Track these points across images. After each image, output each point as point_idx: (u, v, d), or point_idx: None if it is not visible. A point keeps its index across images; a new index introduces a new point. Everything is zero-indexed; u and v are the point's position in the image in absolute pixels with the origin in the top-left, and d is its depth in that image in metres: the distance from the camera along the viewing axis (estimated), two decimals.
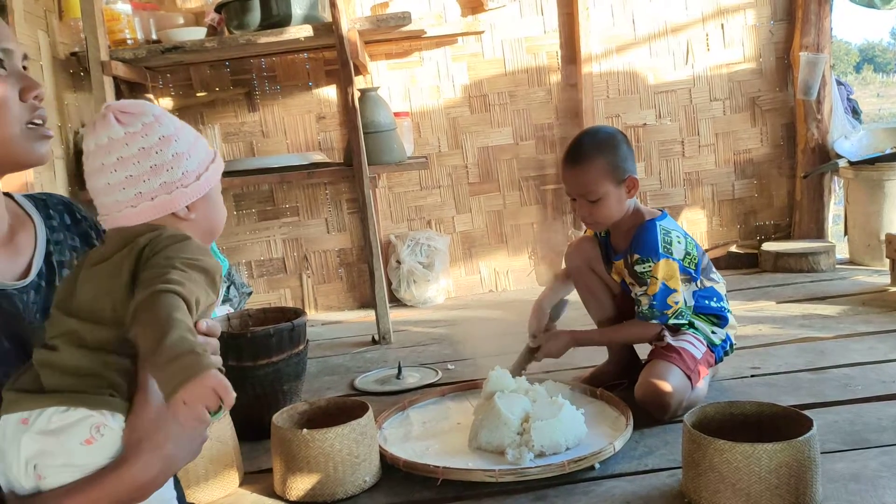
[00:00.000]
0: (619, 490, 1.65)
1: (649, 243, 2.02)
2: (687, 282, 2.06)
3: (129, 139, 0.94)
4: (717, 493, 1.49)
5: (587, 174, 2.03)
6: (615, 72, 3.77)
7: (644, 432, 1.92)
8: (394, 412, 2.12)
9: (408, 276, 3.64)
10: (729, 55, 3.81)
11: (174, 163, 0.96)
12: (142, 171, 0.94)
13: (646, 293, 2.03)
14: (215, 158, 1.04)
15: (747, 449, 1.46)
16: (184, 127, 1.01)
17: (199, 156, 1.00)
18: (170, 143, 0.96)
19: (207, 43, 3.03)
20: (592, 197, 2.04)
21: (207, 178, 1.00)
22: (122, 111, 0.95)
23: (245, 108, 3.67)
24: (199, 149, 1.01)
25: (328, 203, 3.75)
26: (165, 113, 1.00)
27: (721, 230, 3.93)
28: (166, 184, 0.96)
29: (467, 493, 1.69)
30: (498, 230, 3.86)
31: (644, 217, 2.09)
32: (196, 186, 0.99)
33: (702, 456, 1.51)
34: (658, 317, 2.04)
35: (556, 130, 3.77)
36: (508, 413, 1.85)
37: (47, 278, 1.09)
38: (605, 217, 2.07)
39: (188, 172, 0.98)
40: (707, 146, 3.86)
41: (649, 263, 2.01)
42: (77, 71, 3.22)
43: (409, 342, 3.06)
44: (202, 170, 1.00)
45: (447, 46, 3.71)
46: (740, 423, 1.66)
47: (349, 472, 1.72)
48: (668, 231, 2.05)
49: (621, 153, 2.04)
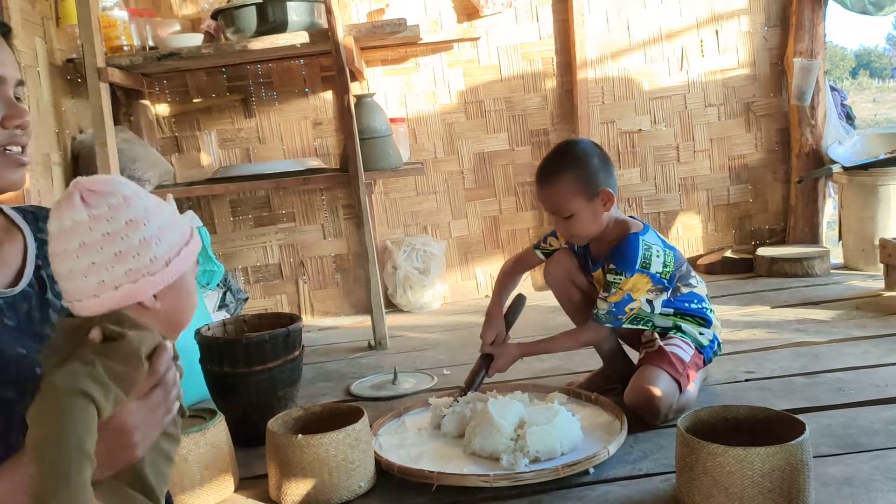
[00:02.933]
0: (614, 495, 1.66)
1: (628, 258, 2.01)
2: (659, 291, 2.07)
3: (93, 223, 0.88)
4: (711, 497, 1.50)
5: (556, 192, 2.03)
6: (610, 78, 3.79)
7: (638, 437, 1.93)
8: (390, 418, 2.13)
9: (404, 281, 3.65)
10: (723, 61, 3.83)
11: (141, 248, 0.89)
12: (105, 258, 0.88)
13: (606, 300, 2.04)
14: (190, 240, 0.96)
15: (740, 453, 1.47)
16: (156, 207, 0.93)
17: (170, 239, 0.92)
18: (137, 228, 0.89)
19: (204, 49, 3.04)
20: (564, 213, 2.04)
21: (178, 263, 0.93)
22: (89, 189, 0.89)
23: (241, 115, 3.68)
24: (171, 231, 0.93)
25: (324, 209, 3.75)
26: (138, 192, 0.92)
27: (716, 235, 3.94)
28: (132, 271, 0.89)
29: (462, 498, 1.70)
30: (494, 236, 3.87)
31: (628, 230, 2.07)
32: (164, 273, 0.91)
33: (695, 460, 1.52)
34: (613, 321, 2.06)
35: (552, 136, 3.78)
36: (501, 419, 1.86)
37: (38, 288, 1.09)
38: (580, 231, 2.06)
39: (156, 259, 0.90)
40: (702, 151, 3.88)
41: (621, 276, 2.01)
42: (74, 77, 3.23)
43: (405, 347, 3.06)
44: (172, 254, 0.92)
45: (443, 52, 3.73)
46: (734, 427, 1.66)
47: (344, 478, 1.72)
48: (650, 246, 2.04)
49: (591, 167, 2.02)
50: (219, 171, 3.35)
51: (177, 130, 3.66)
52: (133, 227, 0.89)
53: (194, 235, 0.98)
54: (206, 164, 3.63)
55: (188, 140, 3.66)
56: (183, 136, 3.66)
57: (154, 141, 3.56)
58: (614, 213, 2.10)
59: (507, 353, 2.18)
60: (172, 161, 3.61)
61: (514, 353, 2.18)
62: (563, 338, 2.18)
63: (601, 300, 2.06)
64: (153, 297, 0.92)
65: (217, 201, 3.67)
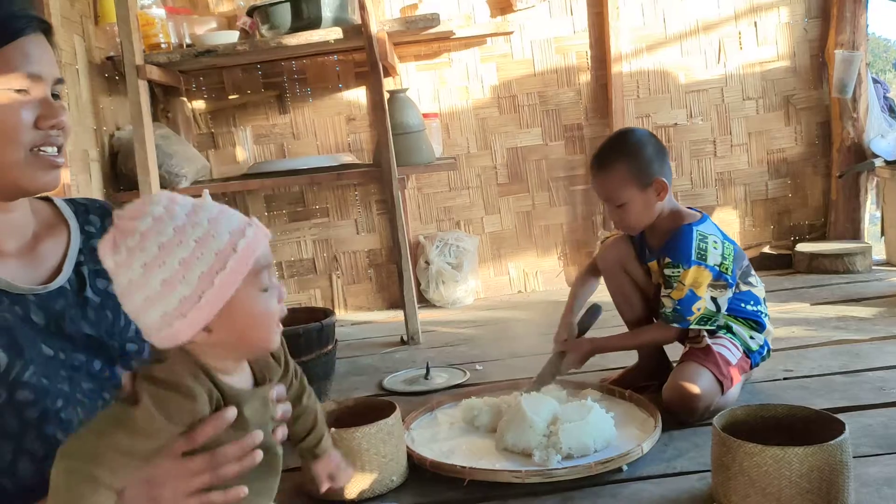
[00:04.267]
0: (647, 493, 1.64)
1: (682, 249, 1.99)
2: (723, 287, 2.02)
3: (130, 258, 0.80)
4: (747, 497, 1.47)
5: (610, 180, 2.02)
6: (645, 71, 3.74)
7: (673, 434, 1.90)
8: (422, 413, 2.13)
9: (436, 276, 3.65)
10: (762, 53, 3.75)
11: (166, 289, 0.80)
12: (154, 292, 0.80)
13: (670, 296, 2.01)
14: (238, 246, 0.82)
15: (778, 452, 1.44)
16: (192, 215, 0.82)
17: (206, 259, 0.80)
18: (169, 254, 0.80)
19: (239, 46, 3.07)
20: (617, 202, 2.03)
21: (217, 291, 0.80)
22: (120, 227, 0.82)
23: (276, 111, 3.71)
24: (207, 247, 0.81)
25: (357, 204, 3.77)
26: (170, 208, 0.82)
27: (754, 231, 3.88)
28: (168, 313, 0.80)
29: (494, 493, 1.69)
30: (527, 231, 3.85)
31: (682, 220, 2.05)
32: (199, 310, 0.80)
33: (731, 459, 1.49)
34: (680, 321, 2.02)
35: (586, 131, 3.75)
36: (533, 415, 1.85)
37: (76, 285, 1.06)
38: (633, 221, 2.05)
39: (185, 299, 0.80)
40: (740, 146, 3.81)
41: (679, 269, 1.99)
42: (112, 75, 3.28)
43: (438, 343, 3.06)
44: (206, 284, 0.80)
45: (476, 47, 3.71)
46: (771, 426, 1.63)
47: (376, 472, 1.73)
48: (705, 236, 2.01)
49: (645, 156, 2.02)
50: (254, 166, 3.39)
51: (213, 127, 3.70)
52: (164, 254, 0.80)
53: (247, 235, 0.83)
54: (242, 159, 3.67)
55: (224, 136, 3.70)
56: (219, 132, 3.70)
57: (191, 137, 3.61)
58: (669, 204, 2.08)
59: (580, 349, 2.16)
60: (208, 157, 3.66)
61: (586, 348, 2.17)
62: (634, 335, 2.18)
63: (665, 298, 2.03)
64: (205, 332, 0.82)
65: (252, 197, 3.71)
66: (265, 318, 0.86)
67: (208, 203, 0.84)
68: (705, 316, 2.03)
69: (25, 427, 0.91)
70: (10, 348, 0.92)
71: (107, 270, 0.83)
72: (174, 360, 0.83)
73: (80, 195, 2.79)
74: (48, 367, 0.95)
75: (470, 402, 2.10)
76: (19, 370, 0.92)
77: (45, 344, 0.97)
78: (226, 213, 0.84)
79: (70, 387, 0.96)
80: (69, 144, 1.06)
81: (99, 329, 1.03)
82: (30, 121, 0.96)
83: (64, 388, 0.95)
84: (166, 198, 0.83)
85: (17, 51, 0.96)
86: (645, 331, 2.15)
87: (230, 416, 0.83)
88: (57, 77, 1.01)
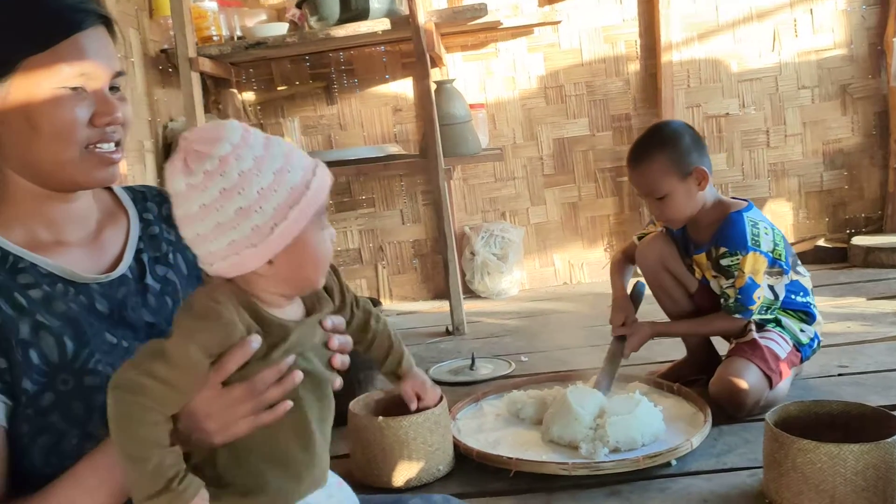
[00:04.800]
0: (697, 488, 1.62)
1: (737, 236, 1.96)
2: (778, 274, 1.99)
3: (208, 181, 0.81)
4: (800, 494, 1.45)
5: (648, 172, 1.99)
6: (696, 60, 3.67)
7: (723, 430, 1.88)
8: (467, 403, 2.14)
9: (482, 267, 3.65)
10: (818, 41, 3.65)
11: (239, 218, 0.81)
12: (228, 218, 0.80)
13: (733, 286, 1.98)
14: (310, 184, 0.84)
15: (832, 449, 1.41)
16: (268, 147, 0.83)
17: (280, 193, 0.82)
18: (242, 187, 0.81)
19: (288, 38, 3.10)
20: (657, 194, 2.00)
21: (288, 225, 0.82)
22: (194, 148, 0.81)
23: (323, 102, 3.74)
24: (282, 183, 0.82)
25: (403, 195, 3.79)
26: (246, 137, 0.83)
27: (808, 223, 3.78)
28: (235, 242, 0.82)
29: (540, 485, 1.69)
30: (573, 222, 3.82)
31: (729, 209, 2.02)
32: (269, 243, 0.82)
33: (784, 456, 1.47)
34: (743, 311, 1.99)
35: (634, 121, 3.70)
36: (580, 408, 1.84)
37: (137, 273, 1.07)
38: (675, 213, 2.02)
39: (258, 227, 0.81)
40: (794, 136, 3.72)
41: (737, 256, 1.96)
42: (166, 67, 3.35)
43: (483, 333, 3.07)
44: (280, 216, 0.81)
45: (523, 37, 3.69)
46: (825, 422, 1.60)
47: (423, 461, 1.74)
48: (756, 223, 1.98)
49: (683, 146, 1.99)
50: None
51: (262, 118, 3.75)
52: (238, 187, 0.80)
53: (317, 175, 0.85)
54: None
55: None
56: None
57: None
58: (712, 195, 2.05)
59: (640, 332, 2.13)
60: None
61: (646, 331, 2.14)
62: (699, 323, 2.14)
63: (727, 289, 2.00)
64: (267, 265, 0.84)
65: None
66: (322, 257, 0.88)
67: (278, 138, 0.86)
68: (764, 304, 1.99)
69: (91, 412, 0.93)
70: (77, 337, 0.95)
71: (171, 193, 0.83)
72: (216, 289, 0.85)
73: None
74: (112, 354, 0.97)
75: (513, 396, 2.10)
76: (86, 357, 0.94)
77: (108, 332, 0.99)
78: (295, 150, 0.86)
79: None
80: (127, 140, 1.05)
81: (158, 316, 1.05)
82: (84, 118, 0.95)
83: None
84: (240, 126, 0.84)
85: (74, 46, 0.94)
86: (711, 319, 2.09)
87: (255, 343, 0.83)
88: (116, 70, 0.99)
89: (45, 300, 0.95)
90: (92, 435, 0.92)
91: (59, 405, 0.92)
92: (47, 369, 0.92)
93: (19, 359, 0.90)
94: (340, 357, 0.95)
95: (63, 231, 1.02)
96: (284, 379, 0.87)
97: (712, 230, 2.03)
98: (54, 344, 0.93)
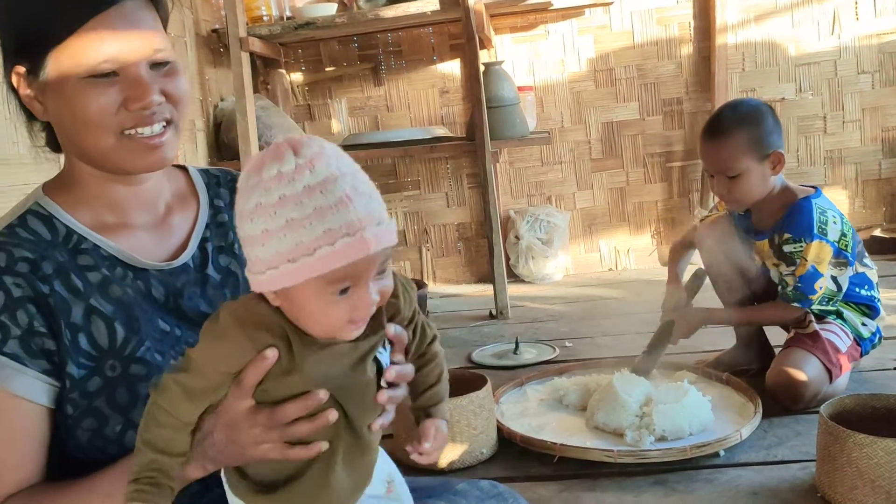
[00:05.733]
0: (746, 480, 1.59)
1: (804, 223, 1.90)
2: (843, 265, 1.93)
3: (275, 182, 0.72)
4: (855, 489, 1.41)
5: (726, 148, 1.93)
6: (752, 42, 3.57)
7: (773, 421, 1.84)
8: (511, 387, 2.13)
9: (526, 251, 3.63)
10: (880, 24, 3.51)
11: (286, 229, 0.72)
12: (278, 227, 0.72)
13: (793, 274, 1.93)
14: (343, 243, 0.71)
15: (891, 444, 1.37)
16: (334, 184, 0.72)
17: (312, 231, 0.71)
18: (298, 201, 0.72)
19: (338, 18, 3.11)
20: (731, 173, 1.93)
21: (297, 268, 0.72)
22: (291, 145, 0.74)
23: (371, 83, 3.74)
24: (322, 222, 0.71)
25: (449, 177, 3.78)
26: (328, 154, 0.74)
27: (864, 213, 3.67)
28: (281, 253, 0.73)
29: (584, 471, 1.68)
30: (620, 208, 3.76)
31: (796, 195, 1.96)
32: (279, 274, 0.73)
33: (839, 450, 1.43)
34: (802, 300, 1.93)
35: (686, 105, 3.63)
36: (626, 395, 1.82)
37: (199, 262, 1.04)
38: (744, 195, 1.96)
39: (279, 254, 0.72)
40: (852, 122, 3.60)
41: (801, 244, 1.90)
42: (217, 47, 3.38)
43: (527, 318, 3.05)
44: (301, 252, 0.71)
45: (573, 19, 3.63)
46: (882, 416, 1.55)
47: (466, 443, 1.74)
48: (825, 210, 1.92)
49: (766, 126, 1.93)
50: (348, 138, 3.43)
51: (309, 99, 3.77)
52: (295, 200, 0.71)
53: (336, 245, 0.71)
54: (336, 131, 3.73)
55: (320, 108, 3.77)
56: (315, 104, 3.77)
57: (288, 109, 3.69)
58: (780, 180, 1.99)
59: (691, 318, 2.08)
60: (305, 128, 3.73)
61: (698, 317, 2.09)
62: (750, 311, 2.09)
63: (787, 276, 1.95)
64: (273, 295, 0.76)
65: None
66: (325, 320, 0.76)
67: (359, 173, 0.76)
68: (826, 296, 1.94)
69: (136, 401, 0.92)
70: (128, 324, 0.94)
71: (241, 185, 0.76)
72: (243, 303, 0.79)
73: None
74: (163, 342, 0.96)
75: (557, 382, 2.09)
76: (135, 345, 0.93)
77: (161, 319, 0.97)
78: (369, 193, 0.75)
79: None
80: (184, 116, 0.99)
81: (215, 307, 0.99)
82: (114, 104, 0.90)
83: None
84: (331, 147, 0.75)
85: (100, 28, 0.88)
86: (765, 308, 2.05)
87: (271, 358, 0.76)
88: (156, 47, 0.92)
89: (101, 284, 0.94)
90: (134, 423, 0.89)
91: (105, 390, 0.92)
92: (97, 354, 0.92)
93: (67, 343, 0.90)
94: (388, 393, 0.84)
95: (129, 214, 1.00)
96: (317, 416, 0.79)
97: (777, 217, 1.98)
98: (105, 329, 0.92)
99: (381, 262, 0.75)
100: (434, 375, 0.96)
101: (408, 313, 0.89)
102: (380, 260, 0.75)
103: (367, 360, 0.82)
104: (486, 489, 1.13)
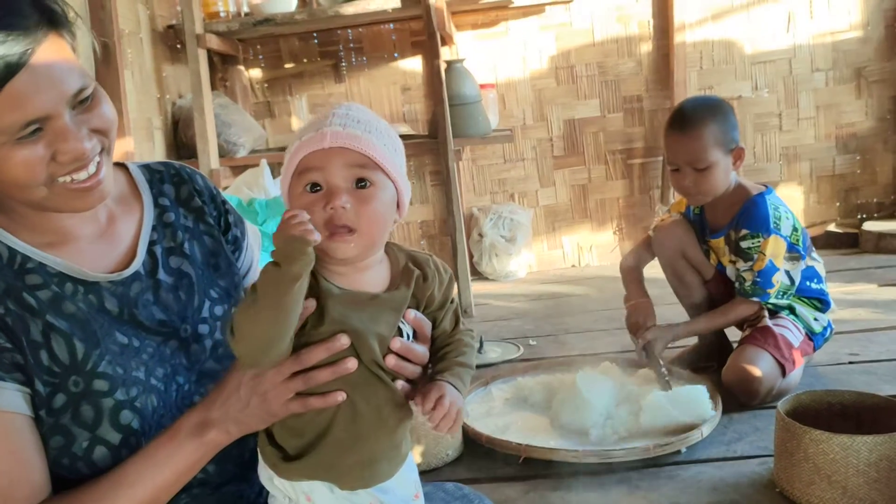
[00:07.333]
0: (707, 476, 1.62)
1: (760, 218, 1.94)
2: (795, 259, 1.98)
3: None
4: (812, 484, 1.44)
5: (698, 140, 1.94)
6: (710, 41, 3.62)
7: (733, 417, 1.87)
8: (476, 386, 2.13)
9: (490, 249, 3.64)
10: (834, 23, 3.59)
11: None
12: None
13: (751, 269, 1.96)
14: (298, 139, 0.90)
15: (846, 440, 1.40)
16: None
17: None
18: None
19: (297, 15, 3.07)
20: (701, 165, 1.94)
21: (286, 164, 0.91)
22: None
23: (332, 80, 3.71)
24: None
25: (412, 175, 3.76)
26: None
27: (819, 208, 3.75)
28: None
29: (549, 471, 1.69)
30: (582, 204, 3.79)
31: (750, 192, 2.00)
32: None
33: (796, 445, 1.46)
34: (760, 294, 1.97)
35: (646, 102, 3.66)
36: (589, 394, 1.83)
37: (150, 267, 1.00)
38: (711, 187, 1.97)
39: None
40: (807, 119, 3.68)
41: (758, 239, 1.94)
42: (174, 43, 3.31)
43: (491, 316, 3.06)
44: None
45: (535, 16, 3.64)
46: (837, 412, 1.59)
47: (432, 445, 1.74)
48: (777, 206, 1.97)
49: (731, 121, 1.97)
50: None
51: (269, 96, 3.72)
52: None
53: (301, 138, 0.89)
54: (297, 128, 3.68)
55: (280, 105, 3.72)
56: (275, 101, 3.72)
57: (248, 106, 3.64)
58: (734, 177, 2.02)
59: (662, 338, 2.07)
60: (265, 126, 3.68)
61: (666, 336, 2.08)
62: (713, 316, 2.10)
63: (744, 272, 1.98)
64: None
65: None
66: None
67: (380, 121, 0.92)
68: (780, 290, 1.98)
69: (100, 417, 0.90)
70: (86, 339, 0.91)
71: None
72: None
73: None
74: (123, 355, 0.93)
75: (521, 382, 2.09)
76: (96, 360, 0.91)
77: (119, 332, 0.94)
78: (333, 110, 0.89)
79: (145, 374, 0.93)
80: (125, 128, 0.99)
81: (170, 313, 0.99)
82: (44, 159, 0.85)
83: (139, 376, 0.92)
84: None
85: (14, 91, 0.81)
86: (730, 309, 2.06)
87: (310, 308, 0.84)
88: (74, 89, 0.85)
89: (53, 301, 0.91)
90: (100, 440, 0.88)
91: (70, 407, 0.89)
92: (59, 370, 0.89)
93: (31, 360, 0.88)
94: (395, 360, 0.86)
95: (72, 227, 0.96)
96: (338, 363, 0.83)
97: (732, 213, 2.01)
98: (65, 345, 0.90)
99: (351, 166, 0.85)
100: (454, 353, 0.94)
101: (439, 297, 0.94)
102: (345, 161, 0.85)
103: (384, 313, 0.86)
104: (451, 491, 1.13)
